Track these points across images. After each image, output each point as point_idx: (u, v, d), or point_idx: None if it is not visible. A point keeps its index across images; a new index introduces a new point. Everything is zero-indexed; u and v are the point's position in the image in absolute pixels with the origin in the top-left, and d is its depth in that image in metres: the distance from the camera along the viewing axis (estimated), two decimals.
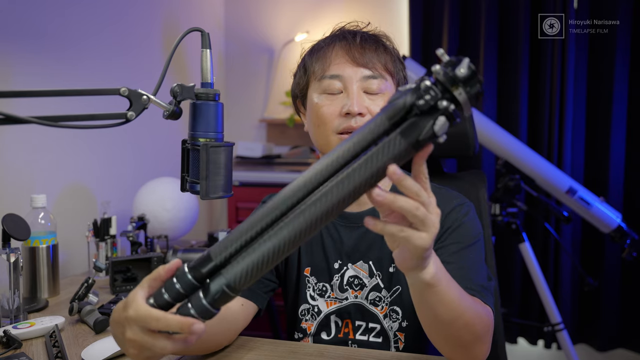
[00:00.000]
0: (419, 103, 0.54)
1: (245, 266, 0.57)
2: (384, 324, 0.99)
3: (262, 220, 0.58)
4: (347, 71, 0.95)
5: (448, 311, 0.73)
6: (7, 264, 1.10)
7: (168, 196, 1.74)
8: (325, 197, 0.56)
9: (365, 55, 0.95)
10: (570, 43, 2.28)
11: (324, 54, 0.98)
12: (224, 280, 0.57)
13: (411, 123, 0.55)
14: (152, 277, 0.62)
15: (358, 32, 0.99)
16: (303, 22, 2.74)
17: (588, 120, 2.36)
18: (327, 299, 1.02)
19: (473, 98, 0.55)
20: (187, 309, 0.58)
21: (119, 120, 0.74)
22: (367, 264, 1.01)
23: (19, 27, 1.51)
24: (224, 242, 0.59)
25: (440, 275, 0.70)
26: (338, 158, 0.57)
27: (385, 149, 0.56)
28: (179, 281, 0.60)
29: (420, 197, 0.58)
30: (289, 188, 0.58)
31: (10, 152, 1.49)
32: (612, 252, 2.29)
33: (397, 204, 0.58)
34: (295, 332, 1.05)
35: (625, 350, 2.37)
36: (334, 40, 0.98)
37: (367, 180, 0.56)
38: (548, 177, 1.96)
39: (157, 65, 2.13)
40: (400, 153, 0.56)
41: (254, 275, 0.57)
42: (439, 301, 0.71)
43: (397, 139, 0.56)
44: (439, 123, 0.54)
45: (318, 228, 0.57)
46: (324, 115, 0.95)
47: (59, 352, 0.92)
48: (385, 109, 0.57)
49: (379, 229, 0.59)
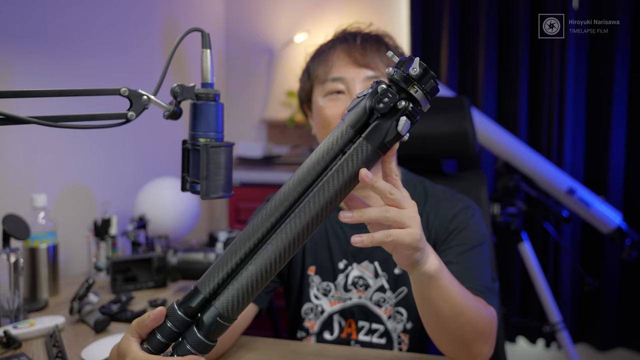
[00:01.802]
0: (379, 106, 0.56)
1: (235, 293, 0.57)
2: (387, 325, 0.99)
3: (244, 244, 0.58)
4: (349, 73, 0.95)
5: (450, 307, 0.73)
6: (7, 264, 1.10)
7: (168, 196, 1.74)
8: (302, 212, 0.57)
9: (367, 56, 0.95)
10: (570, 43, 2.28)
11: (326, 57, 0.98)
12: (216, 311, 0.57)
13: (374, 127, 0.57)
14: (138, 324, 0.61)
15: (359, 34, 0.99)
16: (303, 22, 2.74)
17: (588, 120, 2.36)
18: (331, 299, 1.02)
19: (429, 94, 0.58)
20: (184, 345, 0.58)
21: (119, 121, 0.74)
22: (372, 265, 1.01)
23: (19, 27, 1.51)
24: (209, 274, 0.59)
25: (442, 268, 0.71)
26: (309, 171, 0.59)
27: (354, 156, 0.57)
28: (171, 320, 0.59)
29: (393, 196, 0.60)
30: (266, 210, 0.59)
31: (10, 152, 1.49)
32: (612, 252, 2.29)
33: (367, 216, 0.60)
34: (298, 331, 1.05)
35: (625, 350, 2.37)
36: (335, 43, 0.99)
37: (341, 189, 0.57)
38: (548, 177, 1.96)
39: (157, 65, 2.13)
40: (369, 157, 0.58)
41: (245, 300, 0.57)
42: (441, 296, 0.72)
43: (364, 144, 0.57)
44: (402, 123, 0.57)
45: (301, 243, 0.58)
46: (329, 117, 0.96)
47: (59, 352, 0.92)
48: (346, 116, 0.58)
49: (367, 244, 0.60)
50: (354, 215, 0.59)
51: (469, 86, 2.50)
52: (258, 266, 0.57)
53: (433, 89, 0.57)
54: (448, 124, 1.31)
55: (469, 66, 2.49)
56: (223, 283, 0.58)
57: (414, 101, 0.57)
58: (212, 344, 0.58)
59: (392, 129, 0.57)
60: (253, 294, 0.58)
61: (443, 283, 0.71)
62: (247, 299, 0.58)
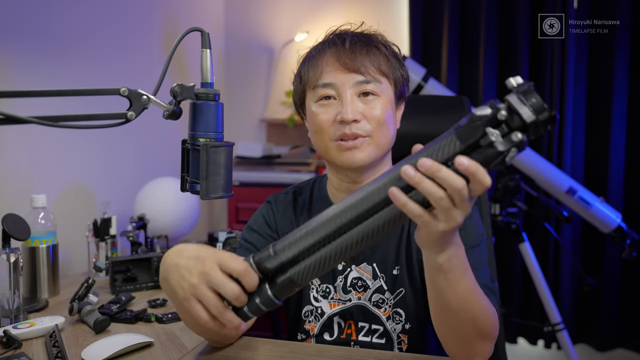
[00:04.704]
0: (497, 139, 0.56)
1: (310, 264, 0.63)
2: (386, 326, 0.99)
3: (330, 223, 0.63)
4: (339, 78, 0.94)
5: (457, 300, 0.74)
6: (7, 264, 1.10)
7: (168, 196, 1.74)
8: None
9: (356, 60, 0.94)
10: (570, 43, 2.28)
11: (315, 62, 0.97)
12: (289, 275, 0.64)
13: (481, 152, 0.57)
14: (221, 263, 0.68)
15: (347, 36, 0.97)
16: (303, 22, 2.74)
17: (588, 120, 2.35)
18: (331, 301, 1.02)
19: (542, 125, 0.55)
20: (254, 300, 0.65)
21: (119, 120, 0.74)
22: (370, 266, 1.01)
23: (19, 27, 1.51)
24: (291, 243, 0.65)
25: (455, 263, 0.70)
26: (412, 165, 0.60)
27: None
28: None
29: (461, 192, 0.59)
30: (366, 191, 0.62)
31: (10, 152, 1.49)
32: (612, 252, 2.29)
33: (447, 178, 0.59)
34: (298, 333, 1.05)
35: (625, 350, 2.36)
36: (325, 46, 0.98)
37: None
38: (548, 177, 1.96)
39: (157, 65, 2.13)
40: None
41: (318, 272, 0.64)
42: (449, 288, 0.72)
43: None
44: (511, 155, 0.56)
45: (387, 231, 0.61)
46: (320, 123, 0.96)
47: (59, 352, 0.92)
48: (457, 129, 0.58)
49: (400, 203, 0.60)
50: (432, 165, 0.58)
51: (469, 86, 2.50)
52: (340, 243, 0.62)
53: (550, 118, 0.56)
54: (448, 124, 1.30)
55: (469, 66, 2.49)
56: (302, 252, 0.63)
57: (527, 131, 0.56)
58: (278, 302, 0.65)
59: (500, 158, 0.56)
60: (326, 268, 0.63)
61: (451, 277, 0.71)
62: (320, 271, 0.63)
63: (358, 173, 0.98)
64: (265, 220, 1.08)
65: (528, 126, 0.55)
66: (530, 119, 0.54)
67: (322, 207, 1.06)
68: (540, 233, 2.39)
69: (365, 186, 0.62)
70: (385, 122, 0.95)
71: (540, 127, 0.55)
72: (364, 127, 0.93)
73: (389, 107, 0.96)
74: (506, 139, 0.56)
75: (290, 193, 1.11)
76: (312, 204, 1.08)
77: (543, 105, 0.54)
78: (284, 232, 1.07)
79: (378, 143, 0.95)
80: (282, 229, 1.07)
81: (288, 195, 1.11)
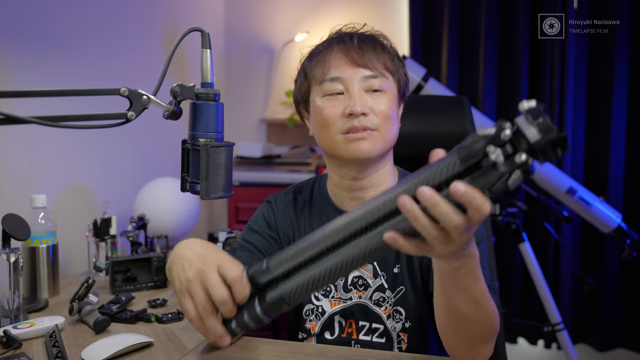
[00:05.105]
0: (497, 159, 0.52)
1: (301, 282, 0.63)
2: (387, 325, 0.99)
3: (324, 241, 0.62)
4: (347, 72, 0.95)
5: (467, 305, 0.73)
6: (7, 264, 1.10)
7: (168, 196, 1.74)
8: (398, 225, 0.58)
9: (364, 55, 0.95)
10: (570, 43, 2.28)
11: (322, 57, 0.98)
12: (279, 292, 0.64)
13: (484, 172, 0.53)
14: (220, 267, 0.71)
15: (355, 34, 1.00)
16: (303, 22, 2.74)
17: (588, 120, 2.36)
18: (332, 299, 1.02)
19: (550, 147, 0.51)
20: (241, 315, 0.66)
21: (119, 120, 0.74)
22: (371, 265, 1.01)
23: (19, 27, 1.51)
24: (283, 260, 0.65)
25: (463, 273, 0.68)
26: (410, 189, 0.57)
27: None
28: None
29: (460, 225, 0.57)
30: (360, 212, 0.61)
31: (10, 152, 1.49)
32: (612, 252, 2.29)
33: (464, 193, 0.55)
34: (299, 332, 1.05)
35: (625, 350, 2.37)
36: (332, 43, 0.99)
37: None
38: (548, 177, 1.96)
39: (157, 65, 2.13)
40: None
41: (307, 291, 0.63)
42: (460, 293, 0.72)
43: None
44: (514, 177, 0.52)
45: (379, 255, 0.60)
46: (328, 117, 0.96)
47: (59, 352, 0.92)
48: (460, 149, 0.55)
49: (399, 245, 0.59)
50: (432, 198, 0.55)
51: (468, 86, 2.50)
52: (330, 265, 0.61)
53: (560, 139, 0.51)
54: (448, 124, 1.31)
55: (469, 66, 2.49)
56: (293, 270, 0.63)
57: (535, 154, 0.52)
58: (267, 319, 0.66)
59: (502, 180, 0.52)
60: (317, 288, 0.63)
61: (459, 283, 0.70)
62: (311, 291, 0.63)
63: (362, 167, 0.98)
64: (266, 220, 1.08)
65: (534, 147, 0.51)
66: (535, 138, 0.50)
67: (323, 206, 1.06)
68: (540, 233, 2.39)
69: (359, 207, 0.62)
70: (391, 118, 0.96)
71: (548, 149, 0.50)
72: (372, 120, 0.94)
73: (394, 104, 0.98)
74: (509, 161, 0.52)
75: (290, 193, 1.11)
76: (312, 204, 1.08)
77: (551, 126, 0.50)
78: (284, 232, 1.07)
79: (384, 137, 0.96)
80: (283, 229, 1.07)
81: (288, 194, 1.11)
